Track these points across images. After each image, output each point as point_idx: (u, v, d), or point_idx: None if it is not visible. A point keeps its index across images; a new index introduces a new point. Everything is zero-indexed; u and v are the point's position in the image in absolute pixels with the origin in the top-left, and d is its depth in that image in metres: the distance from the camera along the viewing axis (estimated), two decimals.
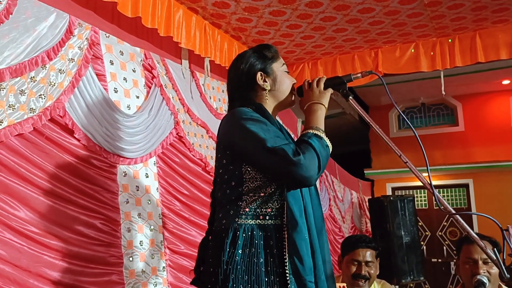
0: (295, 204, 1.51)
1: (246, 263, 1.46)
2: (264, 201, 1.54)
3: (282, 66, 1.73)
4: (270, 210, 1.54)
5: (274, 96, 1.70)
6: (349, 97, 1.65)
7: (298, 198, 1.54)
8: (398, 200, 5.22)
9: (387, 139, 1.54)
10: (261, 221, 1.53)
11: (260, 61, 1.70)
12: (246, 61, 1.70)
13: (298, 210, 1.51)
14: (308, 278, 1.45)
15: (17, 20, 1.89)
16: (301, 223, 1.49)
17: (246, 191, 1.54)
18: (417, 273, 4.92)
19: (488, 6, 3.22)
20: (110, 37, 2.46)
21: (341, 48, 3.95)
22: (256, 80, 1.67)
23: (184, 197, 2.82)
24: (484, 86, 7.39)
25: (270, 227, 1.52)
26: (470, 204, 7.68)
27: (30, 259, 1.82)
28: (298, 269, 1.45)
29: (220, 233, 1.55)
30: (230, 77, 1.75)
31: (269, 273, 1.46)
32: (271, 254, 1.48)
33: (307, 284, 1.45)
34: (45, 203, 1.94)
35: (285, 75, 1.72)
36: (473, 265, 2.20)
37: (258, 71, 1.68)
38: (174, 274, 2.63)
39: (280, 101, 1.71)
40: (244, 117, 1.53)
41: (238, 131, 1.53)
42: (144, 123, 2.52)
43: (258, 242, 1.49)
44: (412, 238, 5.07)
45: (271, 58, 1.71)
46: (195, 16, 3.04)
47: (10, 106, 1.83)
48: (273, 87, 1.69)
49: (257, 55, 1.71)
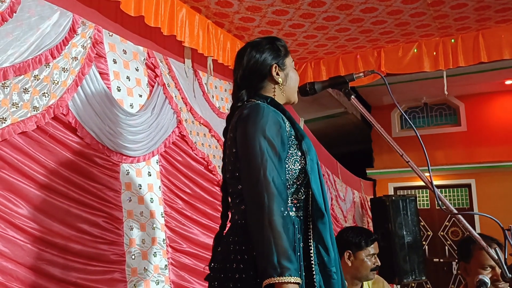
0: (319, 196, 1.52)
1: None
2: (291, 192, 1.54)
3: (292, 62, 1.74)
4: (297, 201, 1.54)
5: (283, 91, 1.69)
6: (351, 97, 1.65)
7: (320, 190, 1.54)
8: (400, 199, 5.21)
9: (389, 139, 1.54)
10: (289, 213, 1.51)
11: (276, 54, 1.68)
12: (262, 51, 1.67)
13: (321, 202, 1.51)
14: (333, 269, 1.46)
15: (21, 19, 1.90)
16: (326, 214, 1.50)
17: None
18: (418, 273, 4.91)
19: (491, 6, 3.22)
20: (113, 35, 2.46)
21: (343, 48, 3.95)
22: (271, 72, 1.65)
23: (187, 195, 2.83)
24: (487, 86, 7.37)
25: (298, 219, 1.52)
26: (472, 204, 7.66)
27: (32, 257, 1.83)
28: (324, 260, 1.46)
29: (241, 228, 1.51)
30: (243, 64, 1.69)
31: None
32: (298, 248, 1.47)
33: (332, 275, 1.45)
34: (48, 201, 1.94)
35: (295, 72, 1.74)
36: (493, 271, 2.18)
37: (275, 63, 1.66)
38: (176, 272, 2.63)
39: (287, 97, 1.72)
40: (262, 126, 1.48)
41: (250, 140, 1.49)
42: (147, 122, 2.52)
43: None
44: (414, 238, 5.06)
45: (285, 52, 1.71)
46: (198, 15, 3.05)
47: (13, 104, 1.84)
48: (284, 82, 1.68)
49: (272, 47, 1.68)
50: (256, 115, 1.52)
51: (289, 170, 1.52)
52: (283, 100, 1.71)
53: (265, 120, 1.49)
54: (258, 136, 1.46)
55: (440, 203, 1.40)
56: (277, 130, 1.49)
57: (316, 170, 1.57)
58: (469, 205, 7.70)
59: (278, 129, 1.50)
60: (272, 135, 1.47)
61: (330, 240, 1.49)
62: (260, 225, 1.36)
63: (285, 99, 1.72)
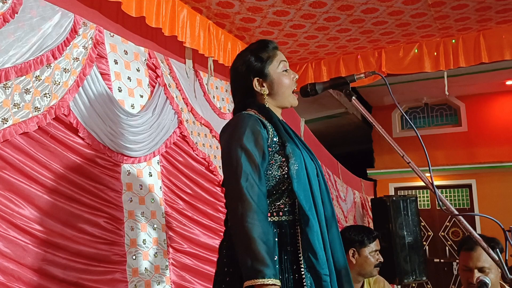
0: (305, 199, 1.52)
1: None
2: (276, 198, 1.56)
3: (279, 65, 1.70)
4: (284, 206, 1.56)
5: (273, 99, 1.70)
6: (352, 98, 1.65)
7: (308, 193, 1.55)
8: (400, 200, 5.21)
9: (390, 139, 1.54)
10: (275, 218, 1.55)
11: (256, 65, 1.68)
12: (243, 64, 1.71)
13: (308, 205, 1.52)
14: (324, 271, 1.47)
15: (23, 19, 1.90)
16: (312, 217, 1.50)
17: None
18: (419, 273, 4.92)
19: (492, 7, 3.22)
20: (114, 36, 2.47)
21: (344, 48, 3.95)
22: (253, 87, 1.68)
23: (188, 196, 2.83)
24: (487, 86, 7.38)
25: (285, 223, 1.54)
26: (473, 204, 7.66)
27: (34, 257, 1.84)
28: (313, 263, 1.46)
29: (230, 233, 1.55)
30: (231, 79, 1.77)
31: (283, 270, 1.48)
32: (285, 251, 1.50)
33: (323, 277, 1.46)
34: (49, 201, 1.95)
35: (283, 75, 1.70)
36: (468, 273, 2.20)
37: (254, 77, 1.68)
38: (177, 272, 2.64)
39: (280, 103, 1.72)
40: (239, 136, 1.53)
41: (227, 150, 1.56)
42: (148, 122, 2.53)
43: (273, 240, 1.49)
44: (414, 238, 5.06)
45: (266, 60, 1.69)
46: (199, 16, 3.05)
47: (15, 104, 1.84)
48: (272, 90, 1.69)
49: (254, 58, 1.70)
50: (234, 126, 1.58)
51: (273, 176, 1.55)
52: (276, 106, 1.72)
53: (243, 131, 1.53)
54: (235, 147, 1.52)
55: (440, 204, 1.40)
56: (255, 139, 1.52)
57: (304, 173, 1.56)
58: (470, 206, 7.70)
59: (257, 138, 1.53)
60: (249, 145, 1.51)
61: (317, 244, 1.48)
62: (236, 233, 1.43)
63: (278, 106, 1.72)
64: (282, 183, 1.55)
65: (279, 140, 1.59)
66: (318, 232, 1.50)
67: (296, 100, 1.75)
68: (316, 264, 1.46)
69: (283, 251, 1.49)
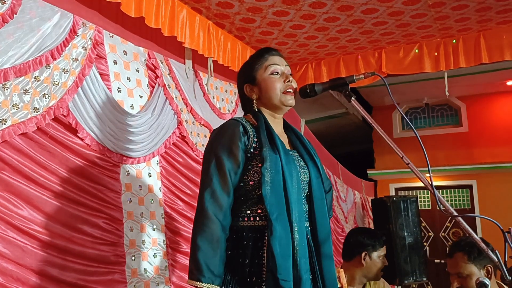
0: (274, 205, 1.53)
1: (233, 263, 1.54)
2: (254, 203, 1.60)
3: (267, 69, 1.73)
4: (261, 211, 1.58)
5: (263, 103, 1.76)
6: (352, 99, 1.64)
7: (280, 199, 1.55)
8: (401, 200, 5.20)
9: (389, 141, 1.54)
10: (252, 223, 1.59)
11: (246, 73, 1.78)
12: (240, 74, 1.84)
13: (277, 211, 1.52)
14: (282, 276, 1.46)
15: (22, 20, 1.90)
16: (277, 223, 1.50)
17: (238, 195, 1.61)
18: (419, 274, 4.90)
19: (492, 7, 3.21)
20: (113, 36, 2.47)
21: (344, 49, 3.95)
22: (245, 93, 1.77)
23: (187, 196, 2.82)
24: (488, 87, 7.37)
25: (260, 228, 1.57)
26: (473, 205, 7.65)
27: (33, 258, 1.83)
28: (273, 269, 1.47)
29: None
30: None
31: (252, 273, 1.51)
32: (257, 256, 1.53)
33: (280, 283, 1.46)
34: (48, 202, 1.95)
35: (269, 78, 1.72)
36: (452, 277, 2.31)
37: (245, 84, 1.78)
38: (177, 273, 2.63)
39: (270, 105, 1.75)
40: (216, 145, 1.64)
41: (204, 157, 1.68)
42: (147, 123, 2.52)
43: (247, 243, 1.55)
44: (415, 238, 5.04)
45: (256, 67, 1.76)
46: (199, 16, 3.05)
47: (14, 105, 1.84)
48: (260, 94, 1.75)
49: (247, 67, 1.80)
50: (215, 134, 1.70)
51: (249, 181, 1.60)
52: (267, 108, 1.76)
53: (219, 138, 1.65)
54: (209, 155, 1.64)
55: (440, 205, 1.39)
56: (229, 148, 1.61)
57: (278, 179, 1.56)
58: (470, 206, 7.69)
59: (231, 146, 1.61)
60: (223, 154, 1.60)
61: (278, 249, 1.48)
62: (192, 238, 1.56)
63: (268, 107, 1.75)
64: (258, 188, 1.57)
65: (258, 145, 1.62)
66: (281, 238, 1.50)
67: (291, 100, 1.73)
68: (274, 269, 1.46)
69: (255, 255, 1.53)
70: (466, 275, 2.19)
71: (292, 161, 1.66)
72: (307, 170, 1.70)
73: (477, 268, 2.17)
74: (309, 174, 1.70)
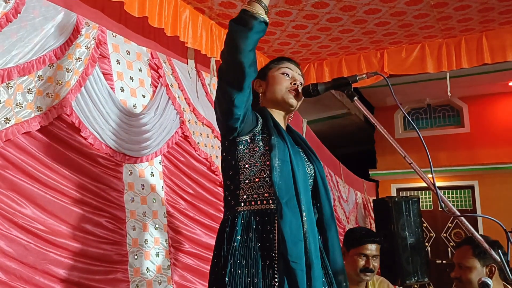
0: (284, 191, 1.53)
1: (244, 248, 1.52)
2: (260, 185, 1.59)
3: (279, 69, 1.78)
4: (268, 194, 1.58)
5: (266, 97, 1.79)
6: (354, 98, 1.65)
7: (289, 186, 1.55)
8: (403, 201, 5.20)
9: (392, 140, 1.54)
10: (259, 206, 1.58)
11: (261, 70, 1.83)
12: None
13: (287, 197, 1.53)
14: (293, 259, 1.46)
15: (25, 19, 1.91)
16: (286, 208, 1.51)
17: (242, 178, 1.60)
18: (421, 274, 4.90)
19: (495, 8, 3.21)
20: (117, 36, 2.47)
21: (347, 49, 3.95)
22: (253, 88, 1.79)
23: (189, 196, 2.83)
24: (490, 87, 7.36)
25: (268, 211, 1.56)
26: (475, 206, 7.65)
27: (36, 256, 1.84)
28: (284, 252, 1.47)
29: (223, 224, 1.62)
30: None
31: (265, 257, 1.51)
32: (267, 239, 1.53)
33: (291, 265, 1.46)
34: (51, 201, 1.95)
35: (278, 75, 1.78)
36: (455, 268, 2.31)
37: (255, 79, 1.81)
38: (179, 272, 2.64)
39: (273, 100, 1.77)
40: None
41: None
42: (150, 122, 2.53)
43: (256, 227, 1.55)
44: (416, 239, 5.04)
45: (270, 65, 1.83)
46: (202, 16, 3.05)
47: (17, 104, 1.84)
48: (266, 88, 1.79)
49: (263, 66, 1.86)
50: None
51: (255, 163, 1.59)
52: (271, 104, 1.78)
53: None
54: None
55: (442, 205, 1.39)
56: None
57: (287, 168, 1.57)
58: (472, 207, 7.68)
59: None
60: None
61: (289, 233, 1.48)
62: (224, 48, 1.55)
63: (272, 102, 1.78)
64: (263, 171, 1.58)
65: (266, 132, 1.64)
66: (291, 222, 1.50)
67: (292, 99, 1.75)
68: (284, 252, 1.47)
69: (265, 238, 1.52)
70: (467, 267, 2.20)
71: (298, 153, 1.70)
72: (311, 165, 1.74)
73: (480, 264, 2.17)
74: (314, 168, 1.73)
